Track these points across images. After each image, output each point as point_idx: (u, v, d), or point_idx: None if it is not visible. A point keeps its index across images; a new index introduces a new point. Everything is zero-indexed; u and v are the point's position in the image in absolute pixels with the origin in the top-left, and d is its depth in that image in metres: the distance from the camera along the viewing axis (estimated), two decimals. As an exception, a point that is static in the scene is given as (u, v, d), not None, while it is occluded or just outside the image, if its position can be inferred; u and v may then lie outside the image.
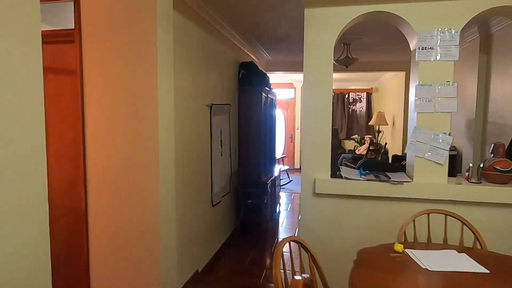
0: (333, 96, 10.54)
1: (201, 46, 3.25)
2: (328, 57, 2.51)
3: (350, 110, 10.10)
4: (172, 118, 2.48)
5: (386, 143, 6.71)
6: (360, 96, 10.03)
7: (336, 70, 6.44)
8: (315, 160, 2.57)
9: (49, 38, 2.23)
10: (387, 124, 7.29)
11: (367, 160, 3.17)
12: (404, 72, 6.17)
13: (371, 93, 9.88)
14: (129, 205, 2.32)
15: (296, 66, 6.47)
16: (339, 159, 9.47)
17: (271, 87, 5.11)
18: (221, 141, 3.80)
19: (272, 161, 5.37)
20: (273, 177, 4.93)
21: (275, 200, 5.16)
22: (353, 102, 10.12)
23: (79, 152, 2.31)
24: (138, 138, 2.27)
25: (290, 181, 7.73)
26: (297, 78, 9.36)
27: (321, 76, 2.52)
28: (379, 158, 6.48)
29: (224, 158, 3.93)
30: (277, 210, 5.41)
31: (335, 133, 2.56)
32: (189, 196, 3.04)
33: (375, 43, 4.64)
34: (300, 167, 2.61)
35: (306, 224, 2.60)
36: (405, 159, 5.42)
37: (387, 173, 2.67)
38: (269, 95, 4.87)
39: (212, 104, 3.49)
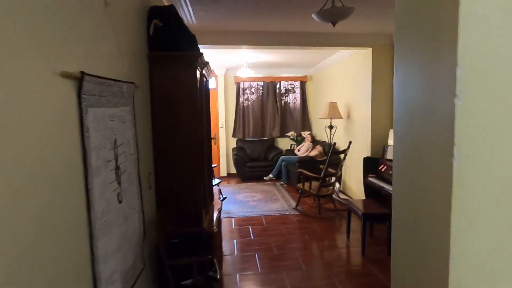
0: (262, 86, 8.88)
1: None
2: None
3: (283, 102, 8.54)
4: None
5: (334, 143, 5.41)
6: (293, 86, 8.53)
7: (268, 43, 4.55)
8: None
9: None
10: (341, 118, 5.84)
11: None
12: (371, 49, 4.71)
13: (305, 82, 8.48)
14: None
15: (234, 38, 4.43)
16: (278, 162, 7.80)
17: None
18: (117, 167, 1.62)
19: (211, 181, 3.32)
20: (218, 212, 2.89)
21: (221, 251, 3.13)
22: (285, 92, 8.56)
23: None
24: None
25: (225, 198, 5.74)
26: (220, 63, 7.30)
27: None
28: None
29: (127, 206, 1.74)
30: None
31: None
32: None
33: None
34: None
35: None
36: (382, 163, 3.88)
37: None
38: (204, 71, 2.79)
39: (83, 74, 1.29)
